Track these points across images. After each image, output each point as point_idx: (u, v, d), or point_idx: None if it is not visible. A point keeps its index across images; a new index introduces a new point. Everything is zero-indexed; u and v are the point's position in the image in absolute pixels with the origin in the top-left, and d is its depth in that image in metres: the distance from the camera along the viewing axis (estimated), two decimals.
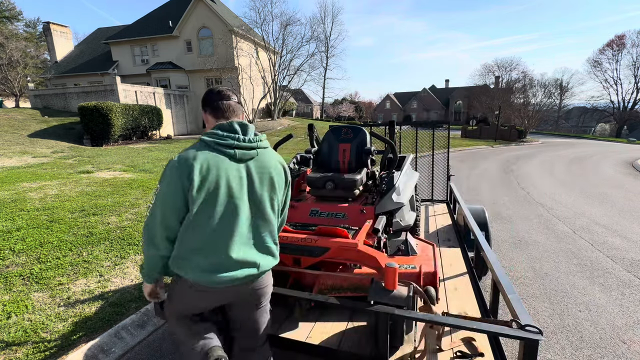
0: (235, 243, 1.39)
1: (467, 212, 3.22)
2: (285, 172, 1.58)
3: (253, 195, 1.45)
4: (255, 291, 1.53)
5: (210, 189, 1.32)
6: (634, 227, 5.83)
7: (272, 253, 1.54)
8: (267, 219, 1.50)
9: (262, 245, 1.50)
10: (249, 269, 1.43)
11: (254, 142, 1.45)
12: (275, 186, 1.52)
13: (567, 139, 40.50)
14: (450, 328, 1.82)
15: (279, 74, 26.83)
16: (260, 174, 1.47)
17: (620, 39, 47.33)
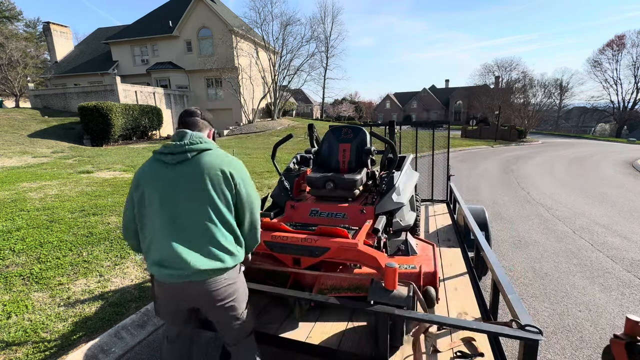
0: (168, 242, 1.49)
1: (467, 212, 3.22)
2: (225, 175, 1.53)
3: (183, 197, 1.50)
4: (210, 292, 1.53)
5: (143, 193, 1.54)
6: (634, 227, 5.83)
7: (211, 255, 1.50)
8: (206, 222, 1.50)
9: (197, 246, 1.49)
10: (179, 270, 1.47)
11: (185, 145, 1.51)
12: (209, 188, 1.50)
13: (567, 139, 40.50)
14: (450, 328, 1.81)
15: (279, 74, 26.83)
16: (191, 176, 1.50)
17: (620, 39, 47.35)
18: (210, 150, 1.56)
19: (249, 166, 10.63)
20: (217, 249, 1.51)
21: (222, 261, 1.52)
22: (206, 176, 1.50)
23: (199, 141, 1.54)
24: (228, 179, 1.54)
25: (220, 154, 1.59)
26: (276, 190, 3.04)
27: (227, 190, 1.53)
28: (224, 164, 1.55)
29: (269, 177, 8.81)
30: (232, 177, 1.55)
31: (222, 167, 1.53)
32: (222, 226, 1.53)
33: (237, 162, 1.62)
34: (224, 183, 1.53)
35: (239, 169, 1.60)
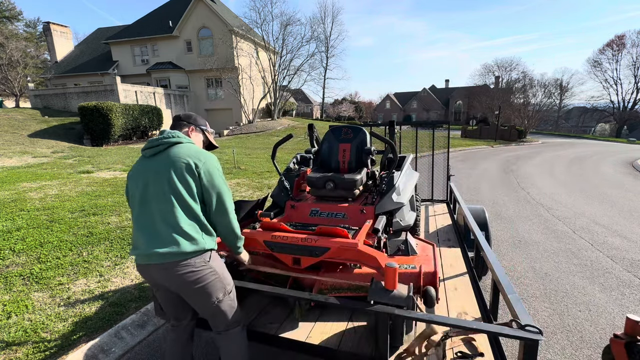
0: (138, 227, 1.65)
1: (467, 212, 3.22)
2: (188, 165, 1.63)
3: (152, 185, 1.63)
4: (172, 275, 1.60)
5: (127, 186, 1.76)
6: (634, 227, 5.83)
7: (170, 240, 1.58)
8: (168, 208, 1.60)
9: (159, 230, 1.60)
10: (142, 251, 1.61)
11: (160, 140, 1.70)
12: (172, 176, 1.61)
13: (567, 139, 40.50)
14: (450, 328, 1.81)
15: (279, 74, 26.84)
16: (160, 166, 1.64)
17: (620, 39, 47.36)
18: (180, 143, 1.71)
19: (249, 166, 10.64)
20: (177, 234, 1.59)
21: (179, 246, 1.57)
22: (171, 166, 1.63)
23: (170, 135, 1.71)
24: (192, 168, 1.63)
25: (190, 147, 1.72)
26: (276, 190, 3.04)
27: (190, 179, 1.63)
28: (190, 155, 1.66)
29: (269, 177, 8.81)
30: (196, 166, 1.64)
31: (187, 158, 1.65)
32: (184, 212, 1.62)
33: (205, 155, 1.71)
34: (187, 172, 1.63)
35: (206, 161, 1.68)
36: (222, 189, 1.72)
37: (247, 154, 14.04)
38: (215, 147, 2.06)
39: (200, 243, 1.63)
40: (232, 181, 8.06)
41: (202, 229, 1.67)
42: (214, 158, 1.75)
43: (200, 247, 1.63)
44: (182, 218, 1.61)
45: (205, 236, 1.68)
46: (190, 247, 1.60)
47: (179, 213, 1.61)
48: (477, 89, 48.42)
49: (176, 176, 1.62)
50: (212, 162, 1.71)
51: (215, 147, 2.07)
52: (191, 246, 1.60)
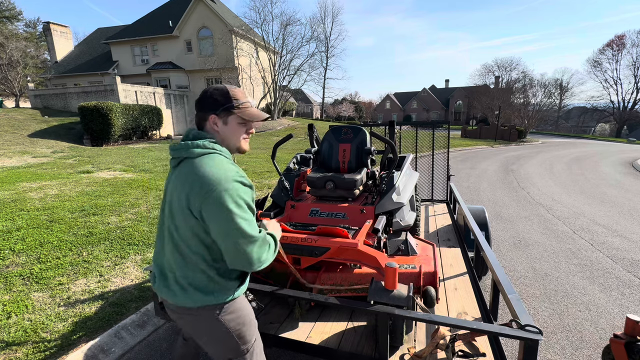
0: (156, 246, 1.41)
1: (467, 212, 3.22)
2: (188, 200, 1.18)
3: (165, 208, 1.31)
4: (182, 321, 1.34)
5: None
6: (634, 227, 5.83)
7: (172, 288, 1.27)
8: (170, 247, 1.28)
9: (165, 270, 1.32)
10: (154, 277, 1.37)
11: (174, 148, 1.27)
12: (173, 212, 1.25)
13: (567, 139, 40.49)
14: (451, 328, 1.81)
15: (279, 74, 26.84)
16: (170, 189, 1.29)
17: (620, 39, 47.37)
18: (189, 158, 1.23)
19: (249, 166, 10.64)
20: (176, 282, 1.28)
21: (176, 297, 1.27)
22: (174, 194, 1.24)
23: (185, 146, 1.24)
24: (189, 205, 1.19)
25: (199, 166, 1.19)
26: (276, 190, 3.04)
27: (191, 219, 1.20)
28: (193, 182, 1.18)
29: (269, 177, 8.81)
30: (196, 203, 1.17)
31: (188, 188, 1.19)
32: (185, 259, 1.26)
33: (213, 183, 1.15)
34: (187, 210, 1.20)
35: (209, 193, 1.15)
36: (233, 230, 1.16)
37: (247, 154, 14.03)
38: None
39: (201, 299, 1.24)
40: None
41: (210, 279, 1.25)
42: (226, 184, 1.15)
43: (204, 303, 1.25)
44: (183, 266, 1.26)
45: (215, 289, 1.26)
46: (190, 302, 1.25)
47: (178, 259, 1.26)
48: (477, 89, 48.40)
49: (176, 212, 1.23)
50: (220, 191, 1.14)
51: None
52: (190, 301, 1.25)
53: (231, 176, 1.18)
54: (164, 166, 10.06)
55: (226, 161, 1.25)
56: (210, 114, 1.28)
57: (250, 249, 1.19)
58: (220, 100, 1.27)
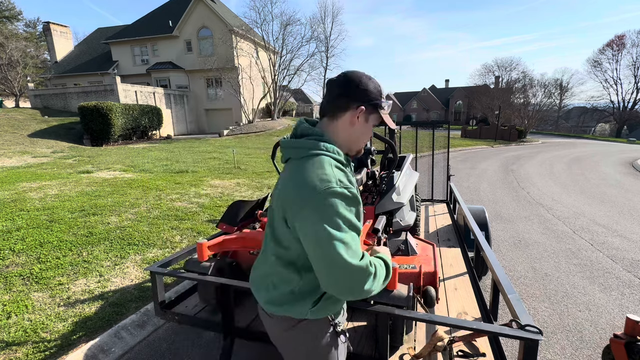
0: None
1: (467, 212, 3.22)
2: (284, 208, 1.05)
3: (270, 210, 1.19)
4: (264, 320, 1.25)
5: None
6: (634, 227, 5.83)
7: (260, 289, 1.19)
8: (266, 249, 1.19)
9: (259, 270, 1.23)
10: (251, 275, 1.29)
11: (285, 145, 1.12)
12: (274, 215, 1.12)
13: (567, 139, 40.51)
14: (451, 328, 1.81)
15: (279, 74, 26.82)
16: (276, 190, 1.14)
17: (620, 39, 47.39)
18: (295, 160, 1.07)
19: (249, 166, 10.64)
20: (264, 285, 1.19)
21: (261, 298, 1.19)
22: (278, 198, 1.09)
23: (289, 144, 1.09)
24: (285, 214, 1.05)
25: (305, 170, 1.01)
26: None
27: (284, 227, 1.07)
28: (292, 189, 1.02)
29: (269, 177, 8.81)
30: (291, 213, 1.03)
31: (288, 195, 1.03)
32: (277, 265, 1.14)
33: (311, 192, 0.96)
34: (283, 217, 1.06)
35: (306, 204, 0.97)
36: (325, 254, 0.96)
37: (247, 154, 14.04)
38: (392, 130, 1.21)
39: (280, 309, 1.13)
40: (232, 181, 8.06)
41: (292, 292, 1.12)
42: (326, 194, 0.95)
43: (280, 313, 1.14)
44: (273, 271, 1.15)
45: (295, 302, 1.12)
46: (271, 307, 1.15)
47: (272, 263, 1.15)
48: (477, 89, 48.41)
49: (276, 217, 1.10)
50: (316, 209, 0.96)
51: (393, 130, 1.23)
52: (272, 306, 1.15)
53: (334, 187, 0.96)
54: (164, 166, 10.06)
55: (334, 165, 1.04)
56: (359, 105, 1.07)
57: (346, 276, 0.97)
58: (373, 93, 1.09)
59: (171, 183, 7.34)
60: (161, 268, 2.12)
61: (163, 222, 4.87)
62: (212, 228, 4.77)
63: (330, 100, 1.11)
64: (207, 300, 2.31)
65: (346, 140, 1.13)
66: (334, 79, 1.11)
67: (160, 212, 5.28)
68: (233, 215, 2.65)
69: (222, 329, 2.05)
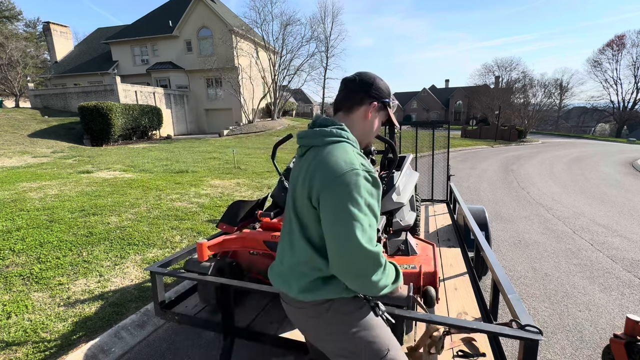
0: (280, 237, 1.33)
1: (467, 212, 3.22)
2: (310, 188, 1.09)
3: (289, 197, 1.25)
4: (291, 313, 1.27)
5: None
6: (634, 227, 5.83)
7: (285, 278, 1.20)
8: (288, 237, 1.22)
9: (283, 258, 1.24)
10: (272, 269, 1.30)
11: (304, 135, 1.20)
12: (297, 200, 1.16)
13: (567, 139, 40.51)
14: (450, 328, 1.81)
15: (279, 74, 26.83)
16: (294, 177, 1.21)
17: (620, 39, 47.38)
18: (317, 147, 1.14)
19: (249, 166, 10.64)
20: (290, 272, 1.21)
21: (289, 286, 1.20)
22: (300, 181, 1.15)
23: (312, 133, 1.17)
24: (311, 194, 1.09)
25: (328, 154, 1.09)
26: (276, 190, 3.04)
27: (310, 208, 1.11)
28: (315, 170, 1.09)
29: (269, 177, 8.81)
30: (316, 192, 1.07)
31: (312, 176, 1.09)
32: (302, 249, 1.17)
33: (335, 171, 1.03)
34: (308, 199, 1.11)
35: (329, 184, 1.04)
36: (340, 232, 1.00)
37: (247, 154, 14.04)
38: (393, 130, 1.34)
39: (314, 294, 1.14)
40: (232, 181, 8.06)
41: (324, 277, 1.15)
42: (352, 175, 1.02)
43: (313, 298, 1.15)
44: (302, 259, 1.16)
45: (329, 284, 1.14)
46: (305, 295, 1.16)
47: (300, 252, 1.16)
48: (477, 89, 48.39)
49: (300, 200, 1.14)
50: (346, 182, 1.01)
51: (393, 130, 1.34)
52: (307, 293, 1.15)
53: (358, 169, 1.02)
54: (164, 166, 10.06)
55: (356, 151, 1.13)
56: (373, 101, 1.21)
57: (357, 260, 1.01)
58: (384, 91, 1.24)
59: (171, 183, 7.34)
60: (161, 268, 2.12)
61: (163, 222, 4.87)
62: (212, 228, 4.77)
63: (345, 96, 1.22)
64: (207, 300, 2.31)
65: (359, 133, 1.23)
66: (351, 77, 1.24)
67: (160, 212, 5.28)
68: (233, 215, 2.65)
69: (222, 329, 2.05)
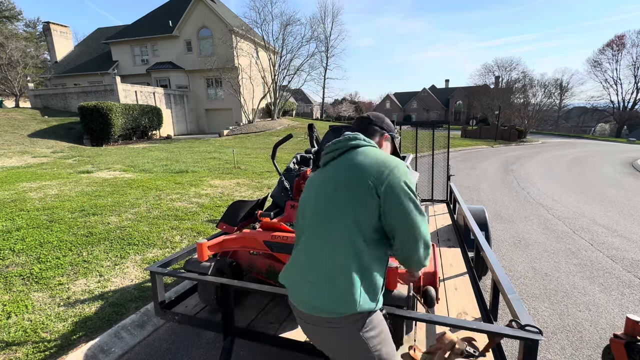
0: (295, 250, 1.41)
1: (467, 212, 3.22)
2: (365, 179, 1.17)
3: (313, 202, 1.31)
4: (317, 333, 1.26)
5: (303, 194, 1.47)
6: (634, 227, 5.82)
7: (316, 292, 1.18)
8: (319, 243, 1.22)
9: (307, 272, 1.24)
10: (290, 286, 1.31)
11: (336, 143, 1.35)
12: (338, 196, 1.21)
13: (567, 139, 40.51)
14: (450, 328, 1.81)
15: (279, 74, 26.83)
16: (327, 178, 1.30)
17: (620, 39, 47.39)
18: (359, 147, 1.32)
19: (249, 166, 10.64)
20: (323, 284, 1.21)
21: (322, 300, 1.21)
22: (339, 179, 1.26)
23: (349, 137, 1.35)
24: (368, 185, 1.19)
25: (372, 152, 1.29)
26: (276, 190, 3.04)
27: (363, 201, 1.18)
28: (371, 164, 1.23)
29: (269, 177, 8.81)
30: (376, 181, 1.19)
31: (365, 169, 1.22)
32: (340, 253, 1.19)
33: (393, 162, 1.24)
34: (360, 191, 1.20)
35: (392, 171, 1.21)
36: (413, 216, 1.16)
37: (247, 154, 14.04)
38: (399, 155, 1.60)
39: (352, 303, 1.14)
40: (232, 181, 8.06)
41: (363, 281, 1.16)
42: (405, 168, 1.22)
43: (352, 310, 1.14)
44: (334, 261, 1.16)
45: (364, 293, 1.15)
46: (338, 307, 1.15)
47: (332, 253, 1.17)
48: (477, 89, 48.39)
49: (342, 196, 1.19)
50: (401, 175, 1.19)
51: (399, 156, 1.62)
52: (340, 306, 1.15)
53: (404, 165, 1.26)
54: (163, 166, 10.06)
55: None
56: (387, 133, 1.52)
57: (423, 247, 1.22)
58: (391, 128, 1.57)
59: (171, 183, 7.34)
60: (161, 268, 2.12)
61: (163, 222, 4.87)
62: (212, 228, 4.77)
63: (362, 128, 1.48)
64: (207, 300, 2.31)
65: None
66: (365, 115, 1.53)
67: (160, 212, 5.28)
68: (233, 215, 2.65)
69: (222, 329, 2.05)
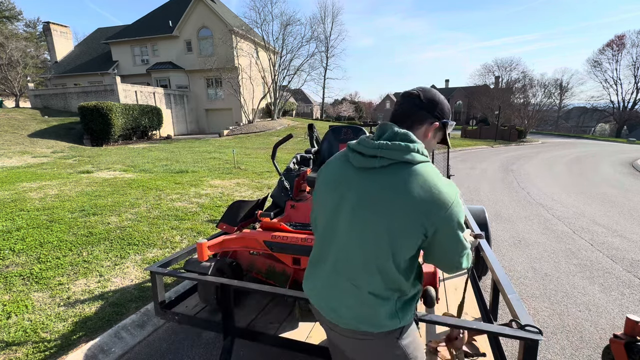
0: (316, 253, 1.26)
1: (467, 212, 3.22)
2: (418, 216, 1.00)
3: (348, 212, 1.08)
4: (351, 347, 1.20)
5: (318, 188, 1.24)
6: (634, 227, 5.82)
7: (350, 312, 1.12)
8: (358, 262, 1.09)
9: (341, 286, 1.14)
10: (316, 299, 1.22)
11: (379, 147, 1.04)
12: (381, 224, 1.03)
13: (567, 139, 40.52)
14: (450, 328, 1.81)
15: (279, 74, 26.84)
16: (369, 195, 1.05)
17: (620, 39, 47.39)
18: (411, 164, 1.02)
19: (249, 166, 10.64)
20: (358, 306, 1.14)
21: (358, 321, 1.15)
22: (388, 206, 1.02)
23: (398, 147, 1.02)
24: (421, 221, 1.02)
25: (427, 175, 1.01)
26: (276, 190, 3.04)
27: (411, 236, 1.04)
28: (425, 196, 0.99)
29: (269, 177, 8.81)
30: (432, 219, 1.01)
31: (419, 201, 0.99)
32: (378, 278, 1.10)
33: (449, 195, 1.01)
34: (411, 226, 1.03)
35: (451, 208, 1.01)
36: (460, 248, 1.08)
37: (247, 154, 14.04)
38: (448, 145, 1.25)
39: (388, 324, 1.09)
40: (232, 181, 8.06)
41: (398, 301, 1.11)
42: (460, 201, 1.05)
43: (394, 327, 1.10)
44: (372, 285, 1.08)
45: (401, 313, 1.11)
46: (372, 329, 1.10)
47: (369, 277, 1.08)
48: (477, 89, 48.40)
49: (379, 222, 1.02)
50: (459, 214, 1.03)
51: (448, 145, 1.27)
52: (374, 327, 1.10)
53: (458, 198, 1.04)
54: (164, 166, 10.06)
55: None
56: (435, 121, 1.12)
57: (463, 260, 1.11)
58: (447, 113, 1.15)
59: (171, 183, 7.34)
60: (161, 268, 2.12)
61: (163, 222, 4.87)
62: (212, 228, 4.77)
63: (407, 112, 1.12)
64: (207, 300, 2.31)
65: None
66: (414, 92, 1.12)
67: (160, 212, 5.28)
68: (233, 215, 2.65)
69: (222, 329, 2.05)
